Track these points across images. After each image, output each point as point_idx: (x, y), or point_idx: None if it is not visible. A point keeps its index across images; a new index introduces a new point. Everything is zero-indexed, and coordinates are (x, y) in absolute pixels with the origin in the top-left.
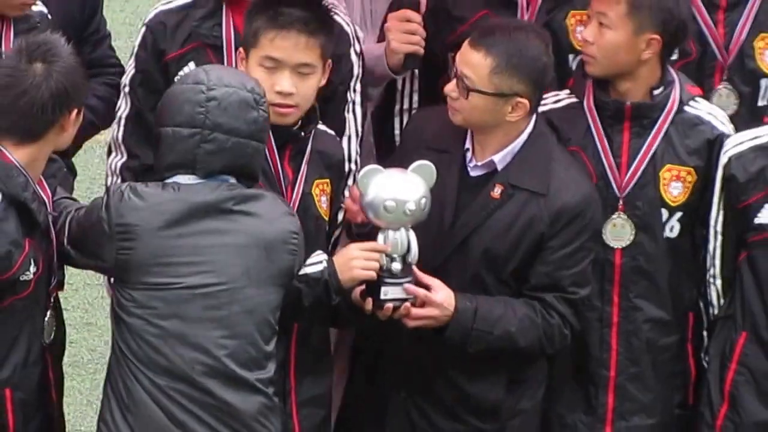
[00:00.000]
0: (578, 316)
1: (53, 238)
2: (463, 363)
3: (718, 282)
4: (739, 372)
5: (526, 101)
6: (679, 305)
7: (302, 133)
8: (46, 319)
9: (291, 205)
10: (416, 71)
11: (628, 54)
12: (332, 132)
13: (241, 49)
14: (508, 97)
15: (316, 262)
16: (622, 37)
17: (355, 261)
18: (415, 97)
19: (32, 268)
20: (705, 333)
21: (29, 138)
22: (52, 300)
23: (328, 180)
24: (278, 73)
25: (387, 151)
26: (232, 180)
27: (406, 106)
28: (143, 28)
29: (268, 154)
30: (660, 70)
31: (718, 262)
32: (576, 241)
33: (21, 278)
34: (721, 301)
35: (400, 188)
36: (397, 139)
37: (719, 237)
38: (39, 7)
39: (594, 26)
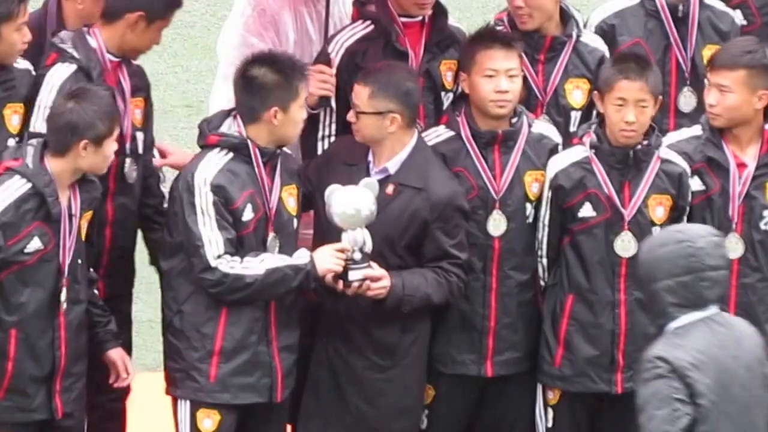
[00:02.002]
0: (466, 273)
1: (68, 230)
2: (371, 314)
3: (545, 260)
4: (571, 324)
5: (398, 116)
6: (533, 271)
7: (277, 151)
8: (63, 292)
9: (271, 206)
10: (333, 107)
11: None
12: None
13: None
14: (385, 114)
15: (301, 256)
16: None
17: (329, 257)
18: (333, 127)
19: (36, 245)
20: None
21: (58, 153)
22: (67, 278)
23: (294, 185)
24: None
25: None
26: None
27: (327, 133)
28: None
29: (257, 169)
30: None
31: (545, 246)
32: (451, 221)
33: (24, 250)
34: (546, 274)
35: (356, 199)
36: None
37: (546, 229)
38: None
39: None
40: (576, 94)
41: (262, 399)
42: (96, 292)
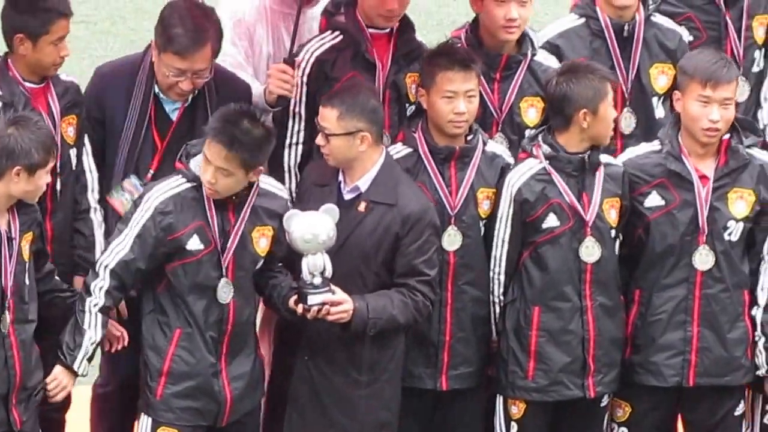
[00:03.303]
0: (433, 291)
1: (8, 253)
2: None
3: (502, 277)
4: (541, 335)
5: (368, 134)
6: (488, 285)
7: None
8: (6, 315)
9: (231, 243)
10: (302, 115)
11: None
12: (276, 187)
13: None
14: (355, 134)
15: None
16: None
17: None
18: (301, 135)
19: None
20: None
21: None
22: (11, 300)
23: (270, 227)
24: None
25: (278, 173)
26: None
27: (294, 141)
28: None
29: (208, 207)
30: None
31: (503, 263)
32: (422, 237)
33: None
34: (502, 289)
35: (315, 225)
36: (285, 165)
37: (505, 245)
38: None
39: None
40: (530, 112)
41: (206, 423)
42: (57, 278)
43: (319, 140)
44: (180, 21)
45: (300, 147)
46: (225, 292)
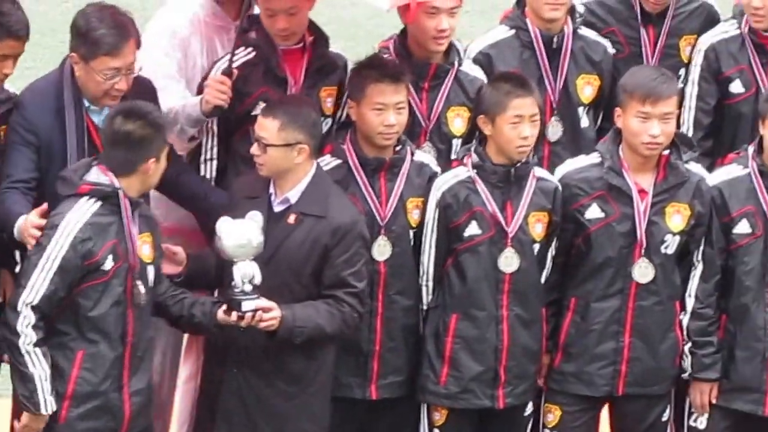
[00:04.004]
0: (362, 304)
1: None
2: (278, 344)
3: (430, 283)
4: (456, 342)
5: (306, 146)
6: (418, 295)
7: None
8: None
9: (134, 255)
10: (215, 132)
11: None
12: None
13: None
14: (294, 146)
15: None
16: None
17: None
18: (215, 150)
19: None
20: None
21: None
22: None
23: (149, 233)
24: None
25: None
26: None
27: (209, 156)
28: None
29: (125, 220)
30: None
31: (431, 269)
32: (351, 249)
33: None
34: (430, 296)
35: (246, 231)
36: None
37: (432, 250)
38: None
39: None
40: (457, 122)
41: None
42: None
43: (255, 150)
44: (100, 22)
45: (215, 162)
46: (135, 305)
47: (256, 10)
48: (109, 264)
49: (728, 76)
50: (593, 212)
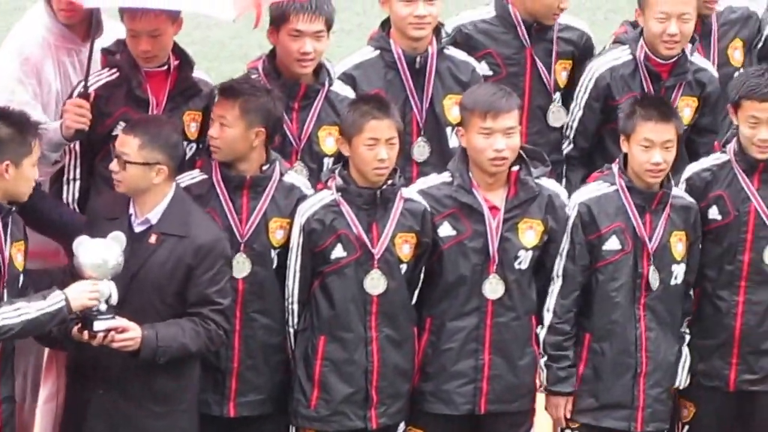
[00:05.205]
0: (227, 320)
1: None
2: (143, 364)
3: (295, 306)
4: (325, 365)
5: (165, 167)
6: (281, 314)
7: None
8: None
9: (3, 262)
10: (78, 152)
11: None
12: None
13: None
14: (153, 165)
15: (54, 299)
16: None
17: (82, 294)
18: (78, 171)
19: None
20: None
21: None
22: None
23: (23, 241)
24: None
25: None
26: None
27: (72, 176)
28: None
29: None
30: (265, 152)
31: (296, 292)
32: (215, 267)
33: None
34: (296, 319)
35: (103, 251)
36: (64, 200)
37: (297, 274)
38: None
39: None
40: (329, 141)
41: None
42: None
43: (114, 166)
44: None
45: (78, 183)
46: None
47: (110, 32)
48: None
49: (619, 103)
50: (445, 230)
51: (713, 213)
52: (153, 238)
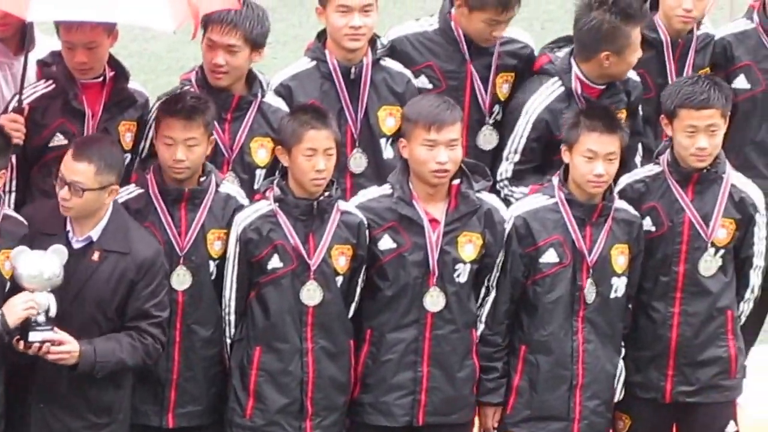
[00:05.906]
0: (164, 333)
1: None
2: (83, 376)
3: (232, 317)
4: (260, 375)
5: (117, 187)
6: (219, 325)
7: None
8: None
9: None
10: (14, 164)
11: None
12: None
13: None
14: (107, 188)
15: None
16: None
17: (18, 307)
18: (14, 183)
19: None
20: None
21: None
22: None
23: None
24: None
25: None
26: None
27: (9, 188)
28: None
29: None
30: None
31: (233, 303)
32: (155, 281)
33: None
34: (233, 330)
35: (41, 263)
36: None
37: (234, 284)
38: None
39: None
40: (261, 152)
41: None
42: None
43: (64, 195)
44: None
45: (14, 195)
46: None
47: (42, 46)
48: None
49: (560, 138)
50: (385, 243)
51: (647, 224)
52: (96, 255)
